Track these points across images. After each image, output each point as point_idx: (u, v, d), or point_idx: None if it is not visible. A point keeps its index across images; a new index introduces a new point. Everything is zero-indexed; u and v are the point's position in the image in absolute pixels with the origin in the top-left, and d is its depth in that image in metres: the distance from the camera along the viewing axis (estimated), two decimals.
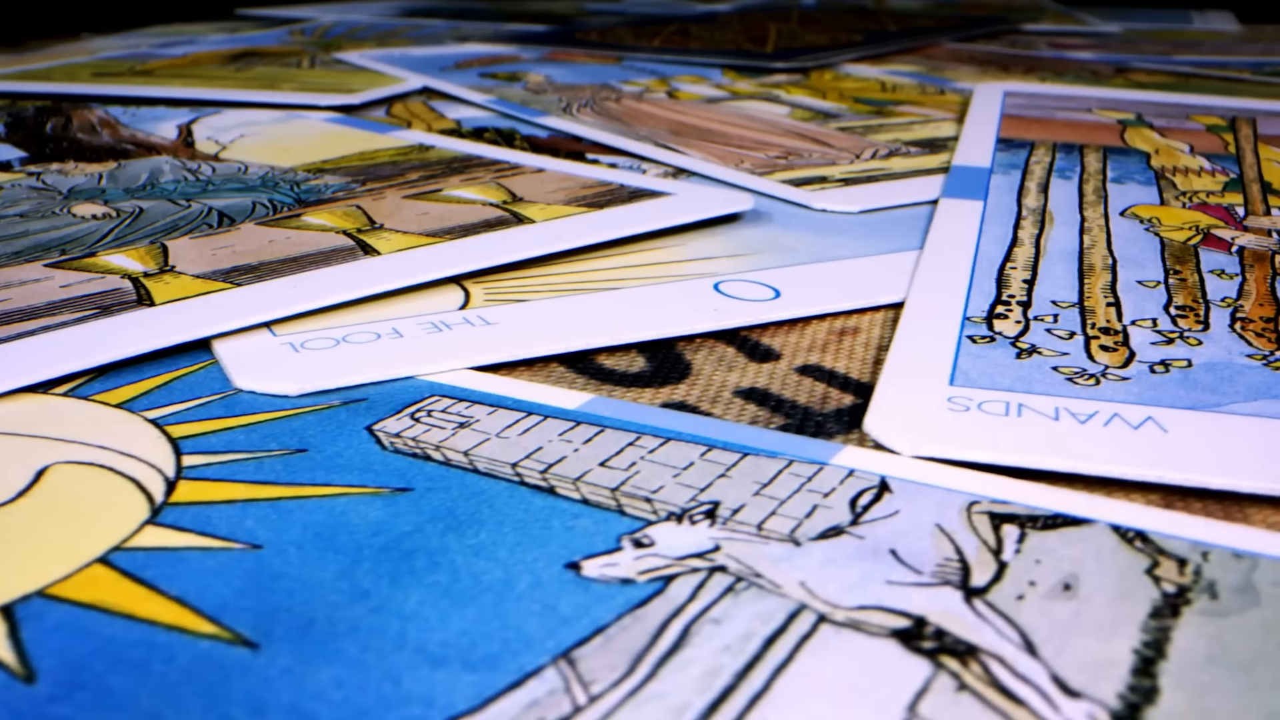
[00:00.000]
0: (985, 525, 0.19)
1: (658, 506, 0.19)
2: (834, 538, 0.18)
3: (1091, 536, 0.18)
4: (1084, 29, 0.81)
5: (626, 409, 0.23)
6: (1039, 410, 0.22)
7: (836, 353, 0.26)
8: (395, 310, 0.28)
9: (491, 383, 0.24)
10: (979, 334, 0.26)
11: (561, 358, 0.26)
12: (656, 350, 0.26)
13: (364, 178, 0.40)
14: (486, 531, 0.19)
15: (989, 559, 0.18)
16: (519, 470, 0.21)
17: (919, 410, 0.22)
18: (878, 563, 0.18)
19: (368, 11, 0.93)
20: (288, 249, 0.32)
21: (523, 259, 0.30)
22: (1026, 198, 0.37)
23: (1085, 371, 0.24)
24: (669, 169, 0.42)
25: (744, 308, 0.28)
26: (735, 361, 0.26)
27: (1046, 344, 0.26)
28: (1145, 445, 0.21)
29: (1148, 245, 0.33)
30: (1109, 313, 0.28)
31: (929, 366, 0.24)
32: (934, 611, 0.17)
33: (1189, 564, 0.18)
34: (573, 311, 0.28)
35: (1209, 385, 0.24)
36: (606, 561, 0.18)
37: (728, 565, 0.18)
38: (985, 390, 0.23)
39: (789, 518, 0.19)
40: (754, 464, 0.21)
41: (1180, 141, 0.45)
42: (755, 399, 0.24)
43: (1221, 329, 0.27)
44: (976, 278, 0.30)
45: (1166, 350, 0.26)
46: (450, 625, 0.17)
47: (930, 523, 0.19)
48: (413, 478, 0.21)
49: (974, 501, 0.19)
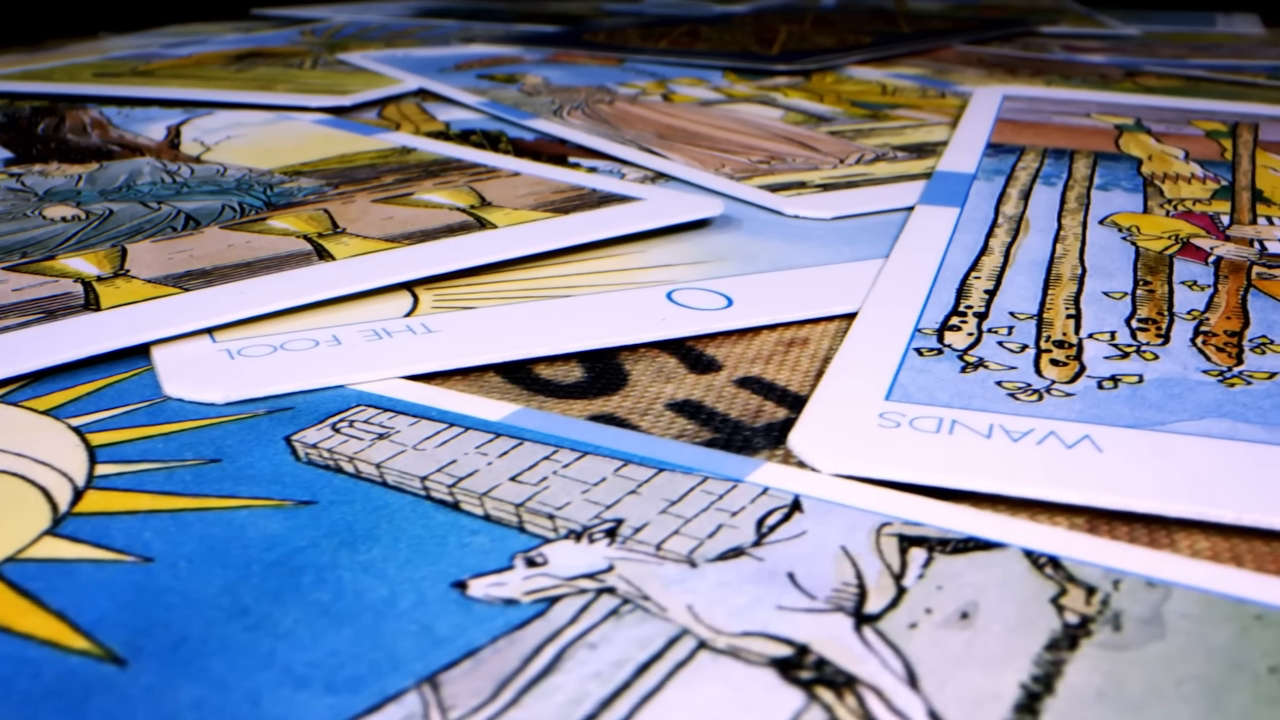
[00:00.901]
0: (892, 548, 0.18)
1: (559, 524, 0.19)
2: (733, 559, 0.18)
3: (1001, 562, 0.18)
4: (1101, 31, 0.80)
5: (551, 421, 0.23)
6: (972, 428, 0.22)
7: (780, 365, 0.26)
8: (342, 317, 0.28)
9: (422, 392, 0.24)
10: (927, 346, 0.26)
11: (499, 367, 0.26)
12: (596, 360, 0.26)
13: (338, 181, 0.39)
14: (380, 547, 0.19)
15: (889, 584, 0.17)
16: (427, 484, 0.20)
17: (846, 426, 0.22)
18: (772, 586, 0.17)
19: (382, 12, 0.93)
20: (245, 253, 0.31)
21: (474, 265, 0.30)
22: (1006, 205, 0.36)
23: (1030, 387, 0.24)
24: (649, 173, 0.41)
25: (692, 317, 0.28)
26: (675, 372, 0.25)
27: (996, 357, 0.25)
28: (1076, 466, 0.20)
29: (1122, 255, 0.32)
30: (1067, 325, 0.27)
31: (867, 380, 0.24)
32: (819, 639, 0.16)
33: (1098, 593, 0.17)
34: (517, 320, 0.27)
35: (1156, 402, 0.23)
36: (494, 581, 0.17)
37: (617, 587, 0.17)
38: (921, 406, 0.23)
39: (691, 537, 0.18)
40: (667, 480, 0.20)
41: (1176, 147, 0.44)
42: (687, 412, 0.23)
43: (1182, 343, 0.26)
44: (937, 288, 0.29)
45: (1119, 365, 0.25)
46: (322, 645, 0.16)
47: (836, 545, 0.18)
48: (319, 490, 0.20)
49: (886, 523, 0.19)
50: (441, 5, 0.97)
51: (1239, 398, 0.23)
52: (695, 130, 0.47)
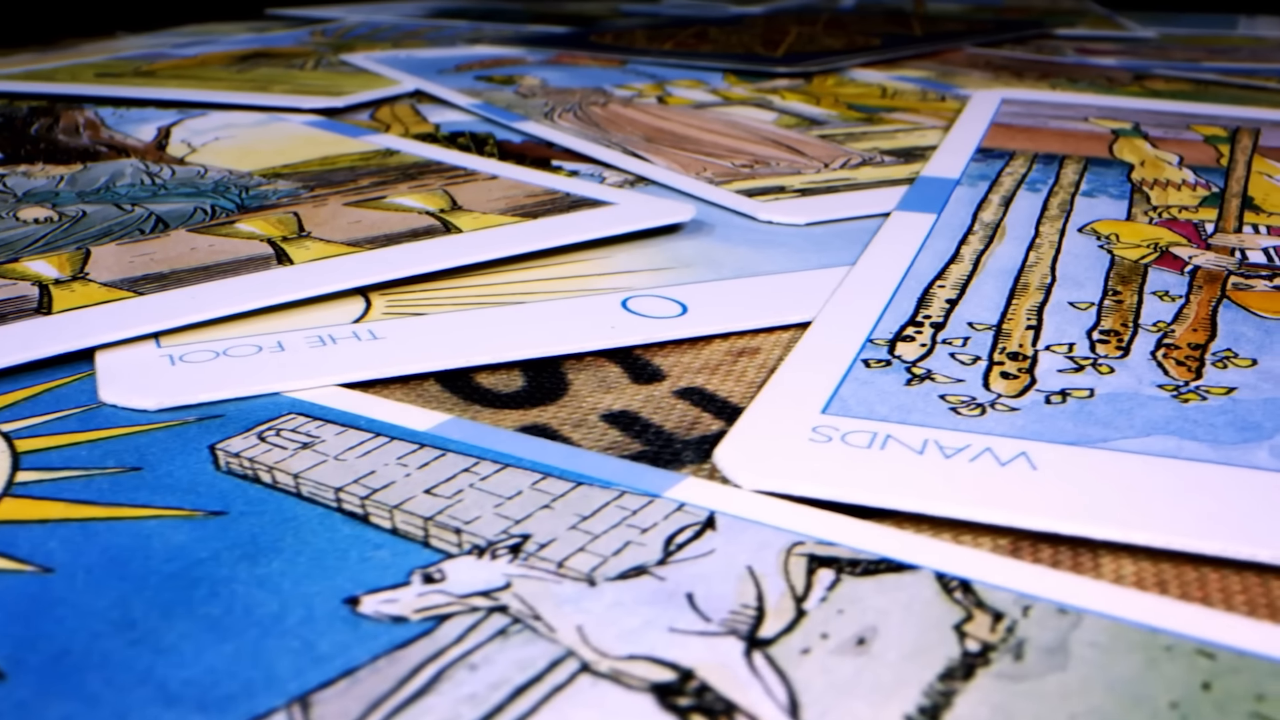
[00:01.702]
0: (800, 569, 0.18)
1: (465, 539, 0.19)
2: (634, 578, 0.17)
3: (911, 585, 0.17)
4: (1118, 34, 0.79)
5: (480, 432, 0.22)
6: (906, 443, 0.21)
7: (726, 375, 0.25)
8: (295, 321, 0.28)
9: (357, 401, 0.24)
10: (876, 358, 0.25)
11: (439, 375, 0.25)
12: (540, 369, 0.26)
13: (315, 183, 0.39)
14: (281, 561, 0.18)
15: (789, 606, 0.17)
16: (340, 496, 0.20)
17: (775, 441, 0.21)
18: (668, 607, 0.17)
19: (396, 12, 0.93)
20: (206, 257, 0.31)
21: (427, 271, 0.30)
22: (985, 211, 0.36)
23: (974, 401, 0.23)
24: (630, 176, 0.41)
25: (642, 326, 0.27)
26: (616, 382, 0.25)
27: (945, 370, 0.25)
28: (1006, 484, 0.20)
29: (1095, 263, 0.31)
30: (1025, 336, 0.26)
31: (807, 393, 0.23)
32: (706, 664, 0.16)
33: (1005, 619, 0.16)
34: (465, 327, 0.27)
35: (1103, 418, 0.22)
36: (387, 597, 0.17)
37: (510, 605, 0.17)
38: (858, 420, 0.22)
39: (595, 555, 0.18)
40: (584, 495, 0.20)
41: (1171, 153, 0.43)
42: (621, 423, 0.23)
43: (1141, 356, 0.25)
44: (898, 296, 0.29)
45: (1071, 378, 0.24)
46: (202, 661, 0.16)
47: (743, 564, 0.18)
48: (233, 501, 0.20)
49: (798, 542, 0.18)
50: (457, 5, 0.97)
51: (1190, 414, 0.23)
52: (683, 133, 0.47)
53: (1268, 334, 0.27)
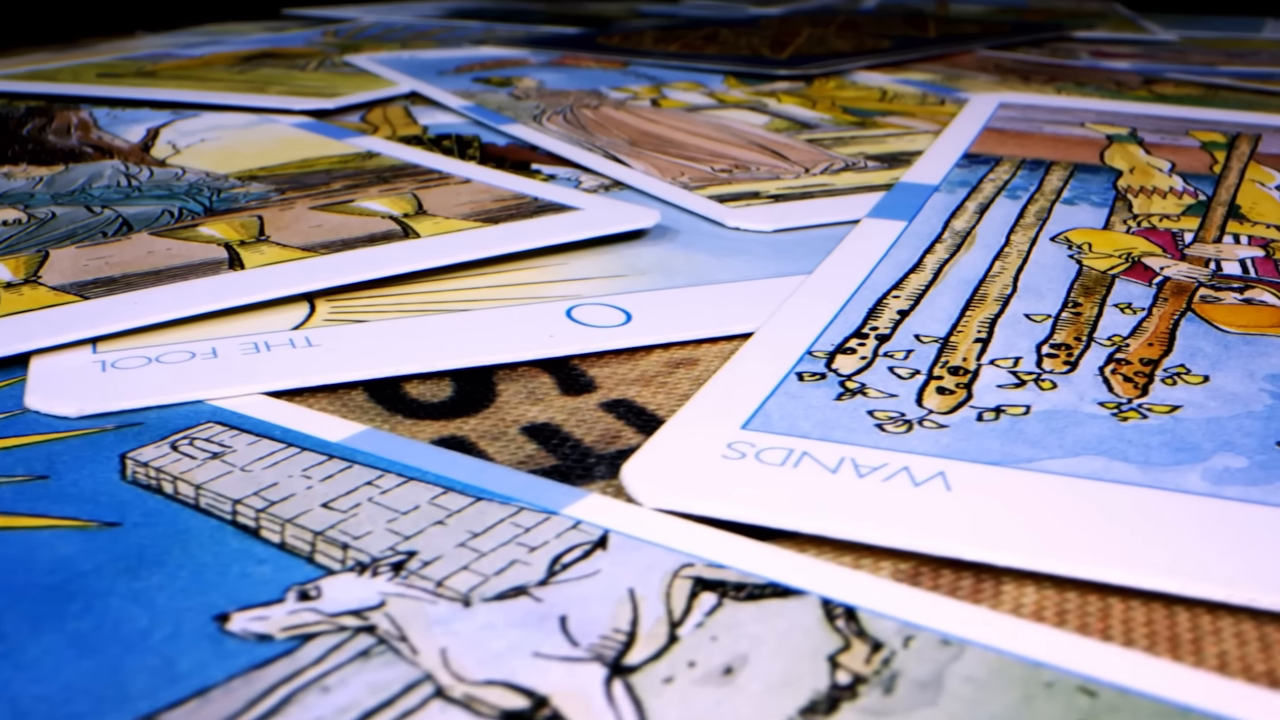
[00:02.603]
0: (683, 592, 0.17)
1: (350, 554, 0.18)
2: (512, 599, 0.17)
3: (794, 611, 0.17)
4: (1136, 37, 0.77)
5: (393, 444, 0.22)
6: (821, 461, 0.21)
7: (659, 387, 0.25)
8: (234, 328, 0.27)
9: (279, 410, 0.24)
10: (811, 371, 0.25)
11: (369, 384, 0.25)
12: (470, 379, 0.25)
13: (287, 186, 0.39)
14: (161, 575, 0.18)
15: (663, 631, 0.16)
16: (237, 508, 0.20)
17: (686, 457, 0.21)
18: (538, 631, 0.16)
19: (412, 12, 0.93)
20: (160, 260, 0.31)
21: (371, 278, 0.29)
22: (958, 219, 0.35)
23: (902, 417, 0.22)
24: (606, 180, 0.40)
25: (581, 335, 0.27)
26: (545, 393, 0.25)
27: (880, 384, 0.24)
28: (915, 506, 0.19)
29: (1061, 274, 0.30)
30: (971, 350, 0.26)
31: (731, 407, 0.23)
32: (562, 691, 0.15)
33: (883, 650, 0.16)
34: (402, 335, 0.27)
35: (1034, 437, 0.22)
36: (257, 615, 0.17)
37: (379, 625, 0.16)
38: (778, 436, 0.22)
39: (477, 574, 0.18)
40: (480, 511, 0.19)
41: (1164, 159, 0.42)
42: (541, 436, 0.23)
43: (1089, 371, 0.25)
44: (848, 307, 0.28)
45: (1010, 395, 0.24)
46: (60, 678, 0.16)
47: (625, 586, 0.17)
48: (130, 512, 0.20)
49: (688, 564, 0.18)
50: (474, 6, 0.97)
51: (1127, 434, 0.22)
52: (670, 137, 0.46)
53: (1226, 349, 0.26)
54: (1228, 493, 0.20)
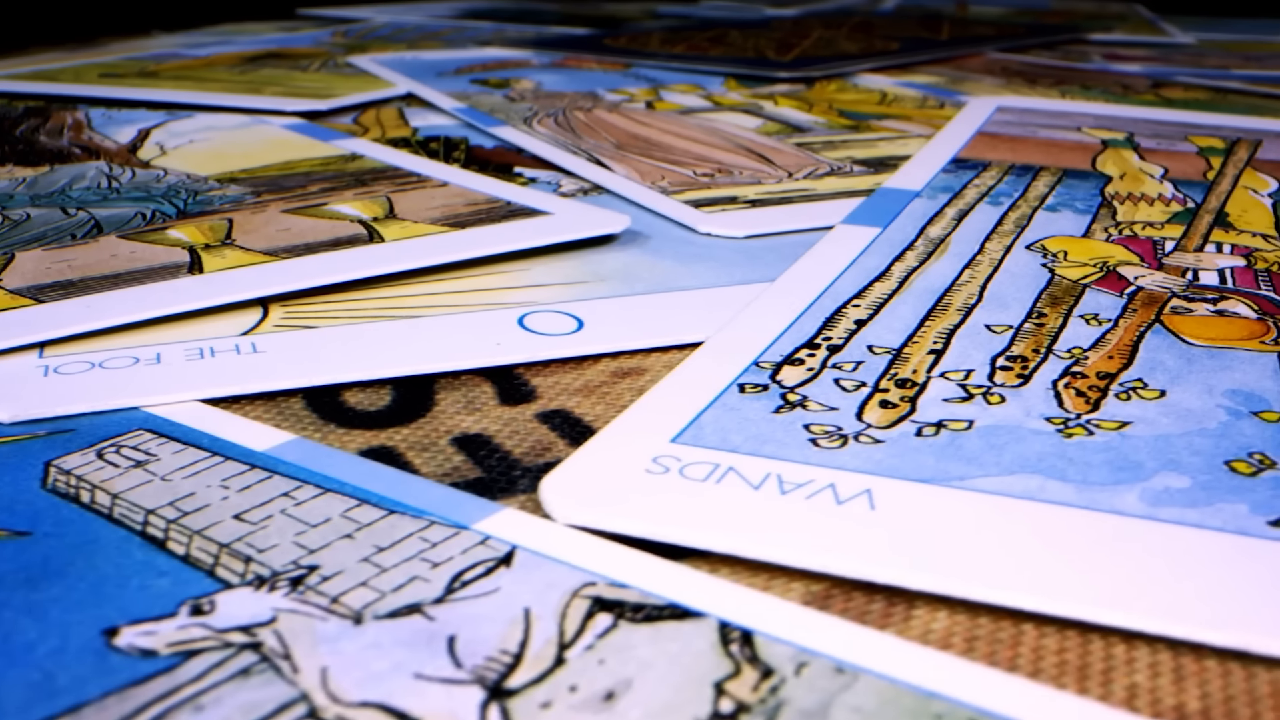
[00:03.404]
0: (579, 612, 0.17)
1: (252, 568, 0.18)
2: (405, 617, 0.17)
3: (689, 634, 0.16)
4: (1152, 39, 0.76)
5: (317, 454, 0.22)
6: (746, 477, 0.20)
7: (600, 398, 0.24)
8: (184, 333, 0.27)
9: (213, 417, 0.23)
10: (754, 382, 0.24)
11: (310, 391, 0.25)
12: (410, 387, 0.25)
13: (265, 188, 0.39)
14: (61, 587, 0.18)
15: (551, 653, 0.16)
16: (149, 519, 0.20)
17: (607, 472, 0.20)
18: (424, 651, 0.16)
19: (425, 12, 0.93)
20: (121, 264, 0.31)
21: (323, 284, 0.29)
22: (934, 226, 0.34)
23: (839, 431, 0.22)
24: (586, 184, 0.40)
25: (529, 344, 0.26)
26: (483, 403, 0.24)
27: (822, 396, 0.23)
28: (835, 525, 0.19)
29: (1031, 283, 0.30)
30: (924, 361, 0.25)
31: (664, 419, 0.22)
32: (437, 714, 0.15)
33: (773, 677, 0.15)
34: (348, 341, 0.26)
35: (971, 454, 0.21)
36: (146, 629, 0.17)
37: (266, 642, 0.16)
38: (706, 450, 0.21)
39: (375, 590, 0.17)
40: (391, 524, 0.19)
41: (1157, 165, 0.41)
42: (470, 447, 0.22)
43: (1041, 385, 0.24)
44: (805, 316, 0.27)
45: (954, 409, 0.23)
46: None
47: (522, 606, 0.17)
48: (42, 521, 0.20)
49: (590, 582, 0.17)
50: (489, 6, 0.97)
51: (1069, 451, 0.21)
52: (658, 140, 0.46)
53: (1189, 363, 0.25)
54: (1163, 515, 0.19)
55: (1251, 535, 0.19)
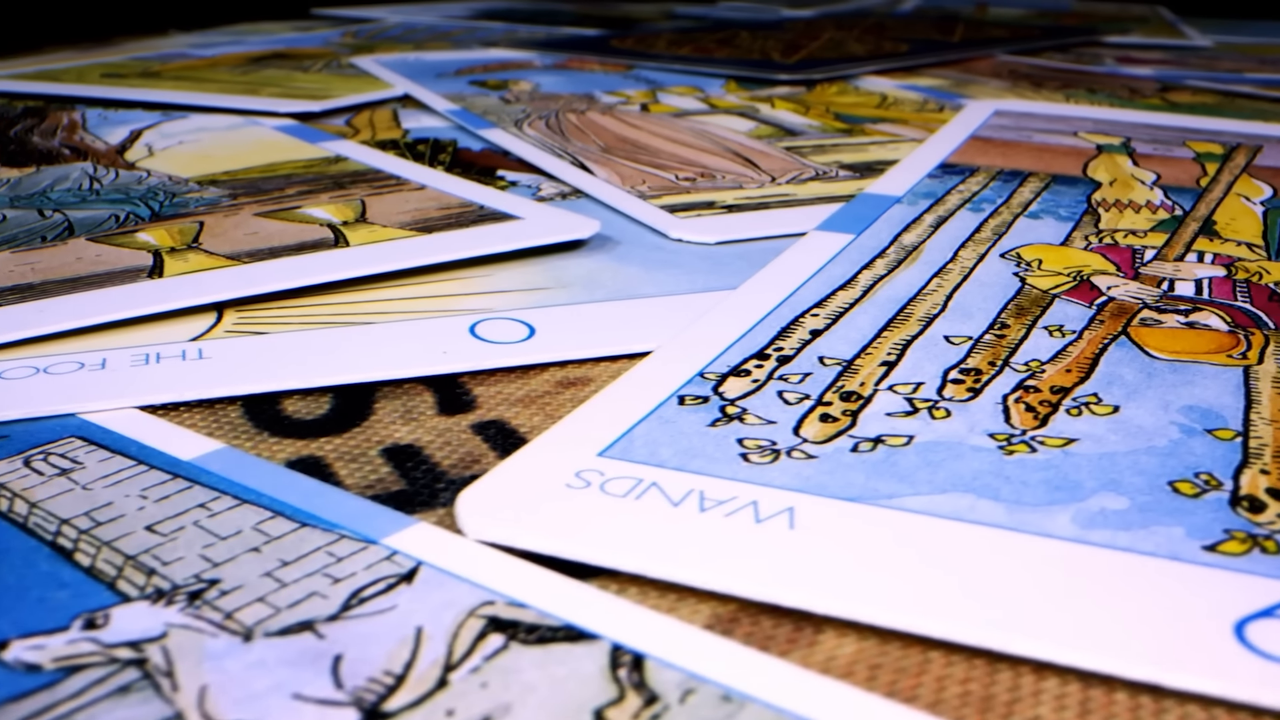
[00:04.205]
0: (472, 632, 0.16)
1: (154, 581, 0.18)
2: (295, 634, 0.16)
3: (581, 657, 0.16)
4: (1169, 42, 0.75)
5: (243, 464, 0.21)
6: (668, 493, 0.20)
7: (540, 408, 0.24)
8: (141, 337, 0.27)
9: (145, 425, 0.23)
10: (695, 394, 0.24)
11: (249, 398, 0.24)
12: (350, 395, 0.25)
13: (242, 191, 0.39)
14: None
15: (435, 675, 0.15)
16: (62, 529, 0.19)
17: (526, 486, 0.20)
18: (307, 671, 0.16)
19: (439, 13, 0.93)
20: (85, 267, 0.31)
21: (271, 291, 0.29)
22: (910, 233, 0.34)
23: (771, 446, 0.21)
24: (566, 188, 0.40)
25: (476, 352, 0.26)
26: (420, 412, 0.24)
27: (763, 409, 0.23)
28: (747, 544, 0.18)
29: (999, 293, 0.29)
30: (874, 374, 0.25)
31: (596, 431, 0.22)
32: None
33: (657, 704, 0.15)
34: (294, 348, 0.26)
35: (905, 471, 0.21)
36: (35, 643, 0.16)
37: (151, 659, 0.16)
38: (633, 465, 0.21)
39: (271, 606, 0.17)
40: (301, 538, 0.19)
41: (1150, 171, 0.40)
42: (399, 458, 0.22)
43: (991, 400, 0.23)
44: (760, 325, 0.27)
45: (896, 424, 0.22)
46: None
47: (415, 625, 0.17)
48: None
49: (489, 601, 0.17)
50: (504, 6, 0.97)
51: (1007, 469, 0.21)
52: (645, 143, 0.45)
53: (1149, 377, 0.25)
54: (1094, 538, 0.19)
55: (1182, 560, 0.18)
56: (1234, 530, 0.19)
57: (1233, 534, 0.19)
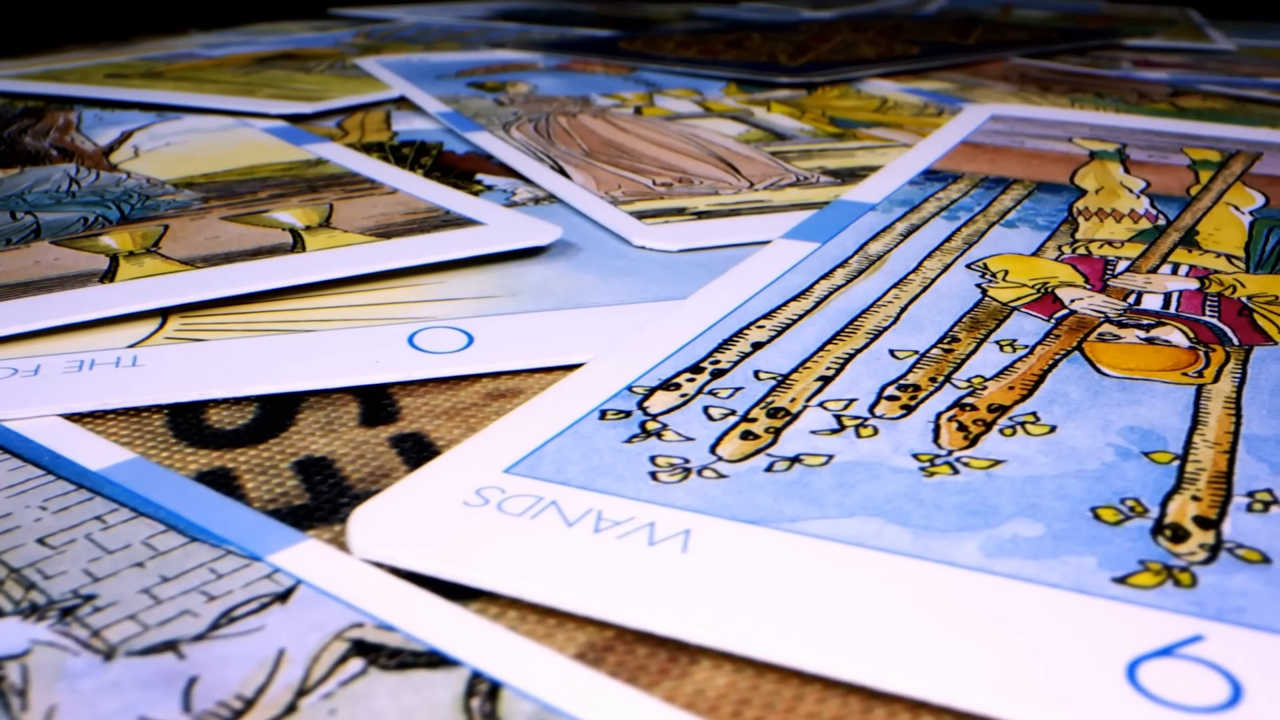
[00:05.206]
0: (334, 655, 0.16)
1: (31, 595, 0.18)
2: (158, 654, 0.16)
3: (437, 685, 0.15)
4: (1189, 45, 0.73)
5: (149, 475, 0.21)
6: (564, 513, 0.19)
7: (463, 420, 0.24)
8: (81, 342, 0.27)
9: (63, 433, 0.23)
10: (619, 409, 0.23)
11: (174, 407, 0.24)
12: (275, 405, 0.24)
13: (215, 194, 0.39)
14: None
15: (285, 701, 0.15)
16: None
17: (423, 504, 0.19)
18: (161, 692, 0.15)
19: (455, 13, 0.93)
20: (41, 270, 0.31)
21: (218, 297, 0.29)
22: (877, 242, 0.33)
23: (683, 464, 0.21)
24: (541, 193, 0.39)
25: (409, 361, 0.26)
26: (343, 424, 0.24)
27: (684, 426, 0.22)
28: (634, 567, 0.18)
29: (956, 305, 0.28)
30: (807, 389, 0.24)
31: (506, 446, 0.21)
32: None
33: None
34: (228, 355, 0.26)
35: (816, 493, 0.20)
36: None
37: (8, 677, 0.16)
38: (536, 482, 0.20)
39: (140, 624, 0.17)
40: (188, 552, 0.19)
41: (1140, 178, 0.39)
42: (308, 471, 0.22)
43: (924, 418, 0.23)
44: (702, 337, 0.26)
45: (819, 442, 0.22)
46: None
47: (278, 646, 0.16)
48: None
49: (359, 624, 0.17)
50: (523, 7, 0.97)
51: (924, 492, 0.20)
52: (630, 146, 0.45)
53: (1095, 395, 0.24)
54: (998, 568, 0.18)
55: (1087, 593, 0.17)
56: (1150, 561, 0.18)
57: (1148, 565, 0.18)
